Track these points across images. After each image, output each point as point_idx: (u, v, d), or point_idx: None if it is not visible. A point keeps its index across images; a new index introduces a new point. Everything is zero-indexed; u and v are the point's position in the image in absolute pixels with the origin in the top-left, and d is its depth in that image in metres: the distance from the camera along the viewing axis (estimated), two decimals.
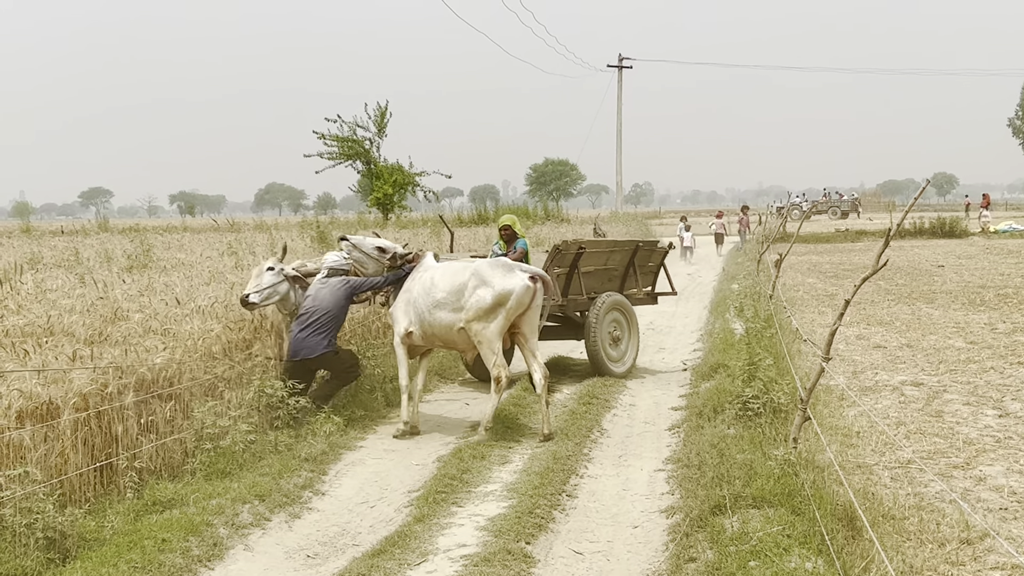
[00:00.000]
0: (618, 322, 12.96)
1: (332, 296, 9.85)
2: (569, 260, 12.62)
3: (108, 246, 23.42)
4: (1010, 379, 10.66)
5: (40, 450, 6.68)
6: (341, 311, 9.87)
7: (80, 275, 13.85)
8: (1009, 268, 25.22)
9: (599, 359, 12.52)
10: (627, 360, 13.02)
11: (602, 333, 12.56)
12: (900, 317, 16.10)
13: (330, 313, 9.74)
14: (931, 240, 39.77)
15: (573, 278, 12.76)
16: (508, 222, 12.61)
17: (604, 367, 12.53)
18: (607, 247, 13.77)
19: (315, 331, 9.62)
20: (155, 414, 7.85)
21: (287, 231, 32.09)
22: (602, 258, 13.36)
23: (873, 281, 19.44)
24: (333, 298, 9.83)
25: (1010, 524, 6.23)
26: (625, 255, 13.78)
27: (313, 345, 9.58)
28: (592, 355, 12.56)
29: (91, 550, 6.22)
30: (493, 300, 9.25)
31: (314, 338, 9.61)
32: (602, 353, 12.54)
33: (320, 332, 9.63)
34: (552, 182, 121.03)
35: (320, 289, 10.00)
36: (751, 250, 32.03)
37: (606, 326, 12.68)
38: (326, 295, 9.86)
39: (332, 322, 9.75)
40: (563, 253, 12.58)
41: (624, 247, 14.00)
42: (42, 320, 9.09)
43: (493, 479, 8.08)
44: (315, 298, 9.89)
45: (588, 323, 12.52)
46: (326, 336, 9.65)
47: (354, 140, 43.77)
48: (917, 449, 7.99)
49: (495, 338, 9.33)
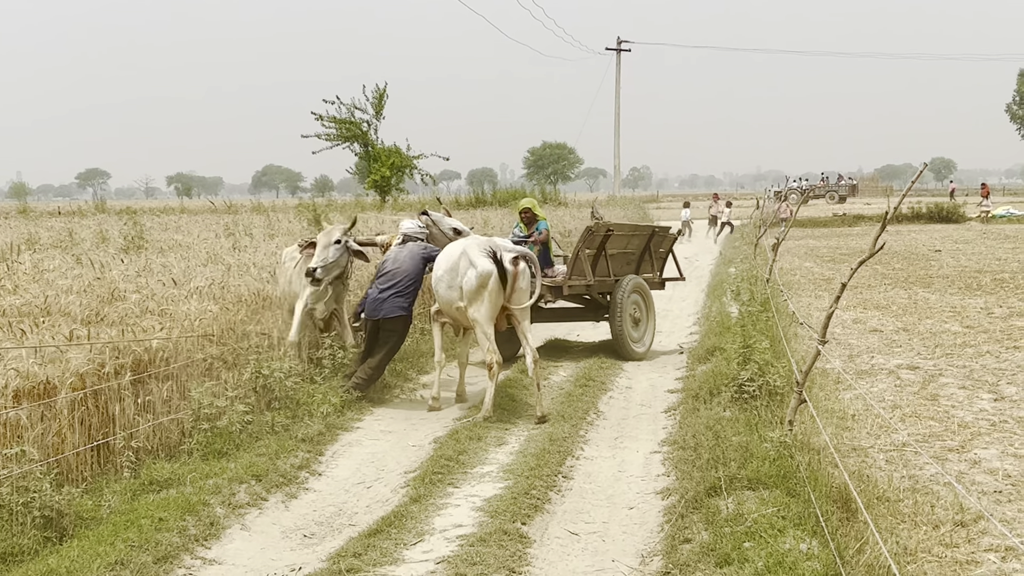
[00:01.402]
0: (638, 304, 13.13)
1: (412, 261, 10.02)
2: (598, 242, 12.77)
3: (105, 227, 23.39)
4: (1006, 363, 10.68)
5: (37, 429, 6.69)
6: (420, 275, 10.08)
7: (76, 256, 13.83)
8: (1006, 253, 25.23)
9: (624, 339, 12.69)
10: (646, 341, 13.22)
11: (626, 314, 12.67)
12: (896, 301, 16.12)
13: (410, 276, 9.96)
14: (928, 225, 39.79)
15: (600, 259, 12.88)
16: (528, 205, 12.91)
17: (627, 347, 12.73)
18: (629, 231, 14.01)
19: (396, 293, 9.84)
20: (152, 394, 7.86)
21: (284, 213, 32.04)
22: (624, 241, 13.58)
23: (870, 265, 19.46)
24: (412, 263, 10.00)
25: (1004, 507, 6.26)
26: (642, 239, 14.06)
27: (393, 306, 9.79)
28: (617, 335, 12.73)
29: (88, 529, 6.24)
30: (477, 282, 9.29)
31: (396, 300, 9.84)
32: (627, 333, 12.64)
33: (401, 295, 9.87)
34: (550, 165, 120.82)
35: (400, 252, 10.16)
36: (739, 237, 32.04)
37: (629, 307, 12.80)
38: (406, 259, 10.02)
39: (413, 285, 10.00)
40: (594, 235, 12.80)
41: (643, 232, 14.37)
42: (39, 300, 9.09)
43: (489, 460, 8.10)
44: (396, 261, 10.06)
45: (614, 304, 12.68)
46: (406, 299, 9.91)
47: (352, 122, 43.63)
48: (912, 432, 8.01)
49: (485, 321, 9.35)
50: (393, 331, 9.87)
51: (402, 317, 9.84)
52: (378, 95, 43.67)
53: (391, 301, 9.76)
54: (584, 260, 12.56)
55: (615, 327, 12.67)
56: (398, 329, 9.88)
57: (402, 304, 9.81)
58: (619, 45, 63.98)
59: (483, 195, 38.59)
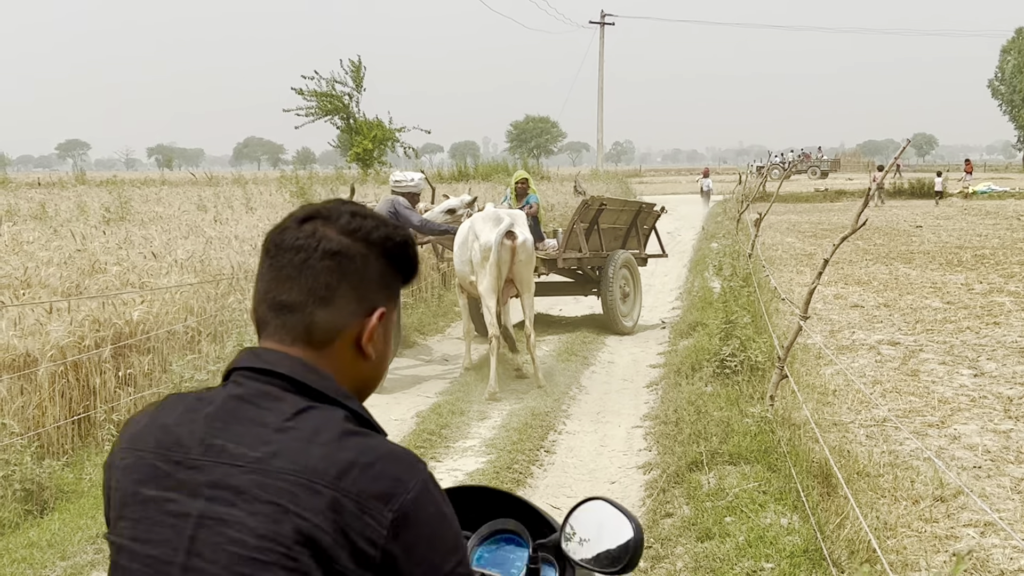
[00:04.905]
0: (627, 278, 13.18)
1: None
2: (591, 216, 12.82)
3: (85, 198, 23.23)
4: (986, 339, 10.75)
5: (17, 402, 6.67)
6: None
7: (55, 228, 13.74)
8: (986, 229, 25.35)
9: (614, 313, 12.76)
10: (634, 315, 13.30)
11: (616, 288, 12.72)
12: (878, 277, 16.19)
13: None
14: (910, 201, 39.92)
15: (592, 233, 12.92)
16: (526, 176, 13.25)
17: (617, 321, 12.80)
18: (619, 206, 14.07)
19: None
20: (133, 367, 7.83)
21: (266, 186, 31.89)
22: (614, 216, 13.66)
23: (851, 241, 19.51)
24: None
25: (983, 482, 6.30)
26: (630, 215, 14.17)
27: None
28: (608, 309, 12.79)
29: (69, 502, 6.23)
30: (481, 254, 9.32)
31: None
32: (617, 308, 12.71)
33: None
34: (533, 139, 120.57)
35: None
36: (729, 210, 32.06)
37: (619, 281, 12.86)
38: None
39: None
40: (589, 208, 12.90)
41: (631, 207, 14.50)
42: (19, 272, 9.03)
43: (472, 435, 8.10)
44: None
45: (605, 277, 12.73)
46: None
47: (332, 95, 43.40)
48: (893, 407, 8.05)
49: (488, 293, 9.38)
50: None
51: None
52: (355, 68, 43.43)
53: None
54: (579, 233, 12.60)
55: (606, 301, 12.72)
56: None
57: None
58: (603, 18, 63.74)
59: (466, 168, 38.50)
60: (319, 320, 1.61)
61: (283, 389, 1.57)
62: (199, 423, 1.56)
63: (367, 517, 1.45)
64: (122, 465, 1.62)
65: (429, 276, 14.86)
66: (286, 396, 1.57)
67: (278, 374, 1.58)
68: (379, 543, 1.45)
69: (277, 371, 1.58)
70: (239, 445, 1.52)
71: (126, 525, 1.58)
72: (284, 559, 1.44)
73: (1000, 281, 15.32)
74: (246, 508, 1.48)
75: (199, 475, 1.52)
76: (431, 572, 1.50)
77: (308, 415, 1.54)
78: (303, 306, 1.61)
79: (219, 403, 1.58)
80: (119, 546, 1.58)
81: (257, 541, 1.45)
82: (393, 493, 1.47)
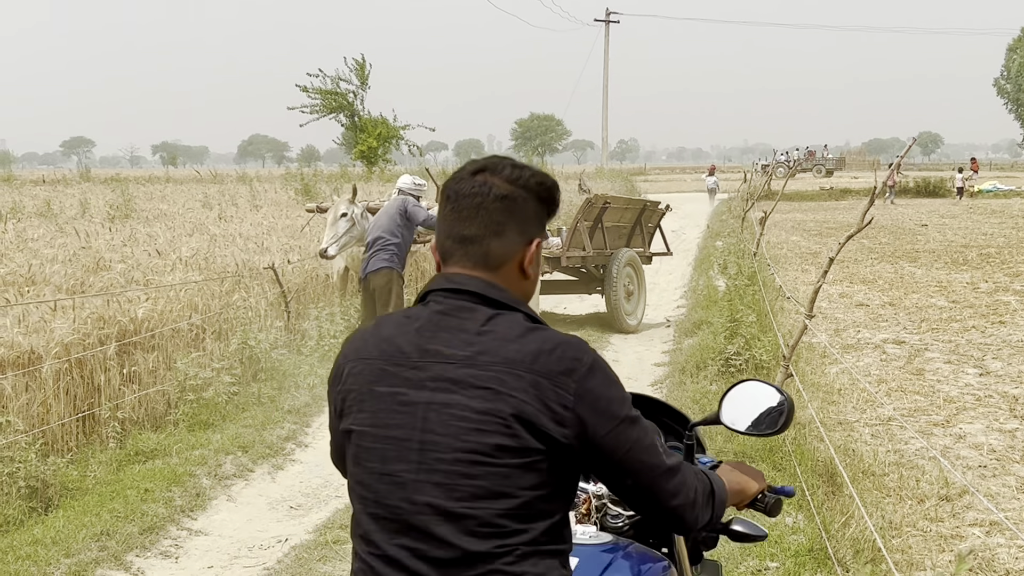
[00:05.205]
0: (631, 277, 13.15)
1: (387, 216, 9.90)
2: (595, 214, 12.77)
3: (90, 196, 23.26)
4: (991, 338, 10.72)
5: (22, 399, 6.66)
6: (398, 229, 9.86)
7: (60, 225, 13.75)
8: (992, 228, 25.31)
9: (618, 312, 12.73)
10: (638, 314, 13.26)
11: (620, 286, 12.70)
12: (883, 275, 16.16)
13: (388, 231, 9.78)
14: (915, 199, 39.87)
15: (596, 232, 12.89)
16: None
17: (622, 320, 12.76)
18: (624, 204, 14.04)
19: (377, 249, 9.72)
20: (138, 365, 7.83)
21: (270, 183, 31.92)
22: (618, 214, 13.61)
23: (857, 240, 19.47)
24: (388, 218, 9.87)
25: (989, 481, 6.29)
26: (634, 213, 14.11)
27: (377, 260, 9.68)
28: (612, 307, 12.75)
29: (74, 499, 6.23)
30: None
31: (379, 255, 9.70)
32: (621, 306, 12.69)
33: (383, 250, 9.72)
34: (537, 137, 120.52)
35: (380, 213, 10.07)
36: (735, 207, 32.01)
37: (623, 280, 12.83)
38: (383, 216, 9.95)
39: (392, 239, 9.79)
40: (592, 206, 12.83)
41: (635, 205, 14.44)
42: (23, 269, 9.04)
43: None
44: (375, 220, 10.01)
45: (609, 276, 12.68)
46: (388, 252, 9.74)
47: (337, 93, 43.43)
48: (898, 406, 8.03)
49: None
50: (380, 286, 9.78)
51: (385, 269, 9.71)
52: (359, 65, 43.47)
53: (375, 256, 9.71)
54: (583, 232, 12.56)
55: (610, 299, 12.68)
56: (382, 283, 9.77)
57: (384, 257, 9.70)
58: (608, 16, 63.69)
59: None
60: (494, 248, 2.11)
61: (473, 302, 2.07)
62: (412, 334, 2.07)
63: (558, 389, 1.96)
64: (354, 372, 2.11)
65: (432, 274, 14.83)
66: (477, 307, 2.07)
67: (468, 291, 2.08)
68: (569, 406, 1.96)
69: (467, 289, 2.09)
70: (449, 347, 2.02)
71: (364, 416, 2.07)
72: (501, 427, 1.95)
73: (1006, 280, 15.30)
74: (464, 394, 1.98)
75: (420, 373, 2.03)
76: (609, 420, 2.00)
77: (497, 320, 2.04)
78: (481, 238, 2.11)
79: (425, 318, 2.09)
80: (359, 432, 2.08)
81: (478, 416, 1.96)
82: (574, 368, 1.98)
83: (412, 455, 2.00)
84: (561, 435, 1.96)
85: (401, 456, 2.01)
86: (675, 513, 2.14)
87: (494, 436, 1.95)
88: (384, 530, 2.03)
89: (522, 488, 1.97)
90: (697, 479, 2.18)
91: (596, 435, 1.99)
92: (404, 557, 2.00)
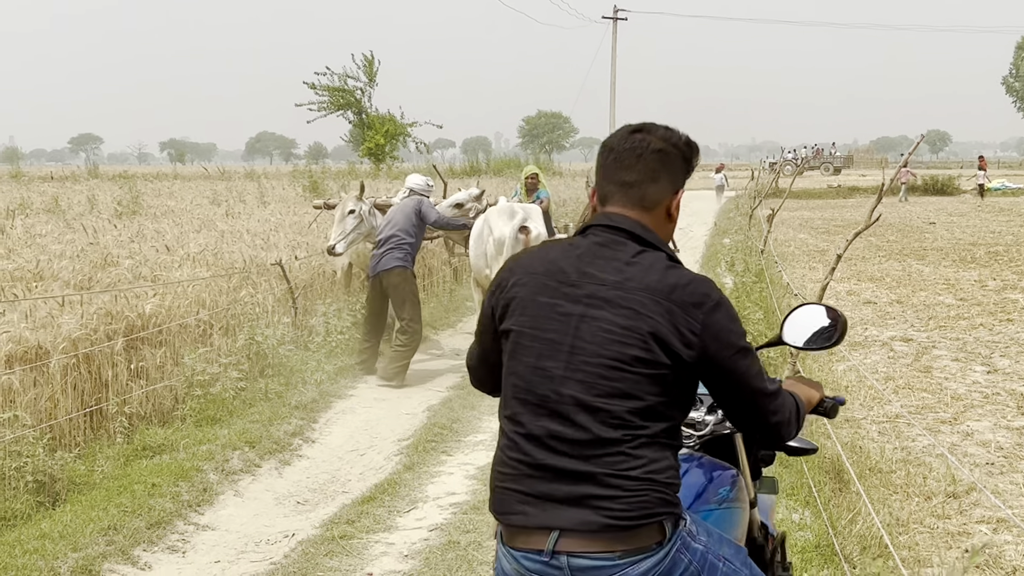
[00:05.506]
0: None
1: (403, 215, 9.89)
2: None
3: (98, 192, 23.30)
4: (999, 336, 10.70)
5: (30, 394, 6.67)
6: (412, 229, 9.86)
7: (68, 221, 13.78)
8: (1000, 226, 25.24)
9: None
10: None
11: None
12: (891, 273, 16.13)
13: (403, 230, 9.78)
14: (923, 197, 39.77)
15: None
16: (536, 171, 13.39)
17: None
18: None
19: (390, 248, 9.70)
20: (145, 360, 7.84)
21: (278, 180, 31.96)
22: None
23: (864, 237, 19.45)
24: (404, 216, 9.87)
25: (996, 478, 6.28)
26: None
27: (390, 259, 9.67)
28: None
29: (81, 494, 6.23)
30: (494, 248, 9.28)
31: (392, 253, 9.69)
32: None
33: (396, 248, 9.71)
34: (545, 135, 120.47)
35: (394, 209, 10.07)
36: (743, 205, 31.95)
37: None
38: (398, 214, 9.94)
39: (407, 239, 9.79)
40: None
41: None
42: (31, 265, 9.06)
43: (483, 429, 8.10)
44: (389, 217, 10.03)
45: None
46: (402, 251, 9.74)
47: (345, 89, 43.44)
48: (905, 404, 8.02)
49: None
50: (395, 285, 9.77)
51: (398, 268, 9.70)
52: (368, 62, 43.46)
53: (388, 255, 9.69)
54: None
55: None
56: (397, 282, 9.76)
57: (398, 256, 9.69)
58: (615, 14, 63.56)
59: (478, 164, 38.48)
60: (650, 192, 2.56)
61: (626, 238, 2.51)
62: (573, 259, 2.51)
63: (688, 318, 2.39)
64: (520, 283, 2.54)
65: (440, 271, 14.85)
66: (628, 243, 2.51)
67: (622, 229, 2.52)
68: (696, 332, 2.38)
69: (622, 227, 2.53)
70: (603, 272, 2.47)
71: (525, 319, 2.51)
72: (639, 342, 2.38)
73: (1014, 278, 15.25)
74: (612, 311, 2.42)
75: (577, 290, 2.47)
76: (727, 348, 2.42)
77: (644, 255, 2.48)
78: (640, 183, 2.56)
79: (586, 247, 2.53)
80: (519, 332, 2.52)
81: (621, 331, 2.40)
82: (703, 302, 2.40)
83: (562, 356, 2.44)
84: (687, 355, 2.39)
85: (553, 355, 2.45)
86: (775, 428, 2.57)
87: (632, 348, 2.38)
88: (531, 413, 2.47)
89: (648, 394, 2.39)
90: (789, 399, 2.60)
91: (715, 359, 2.42)
92: (545, 436, 2.44)
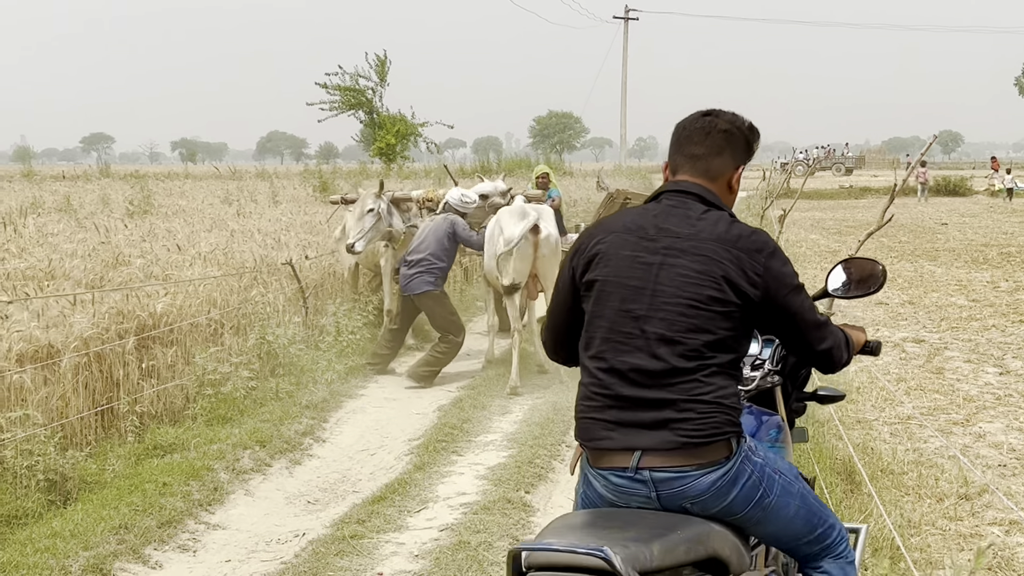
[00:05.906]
0: None
1: (435, 238, 9.85)
2: (616, 209, 12.80)
3: (109, 191, 23.36)
4: (1011, 337, 10.66)
5: (41, 393, 6.68)
6: (444, 253, 9.86)
7: (79, 220, 13.81)
8: (1013, 227, 25.16)
9: None
10: None
11: None
12: (903, 274, 16.08)
13: (435, 255, 9.77)
14: (935, 198, 39.65)
15: None
16: (547, 170, 13.57)
17: None
18: (643, 200, 14.05)
19: (421, 271, 9.69)
20: (156, 359, 7.85)
21: (289, 179, 32.00)
22: None
23: (876, 238, 19.38)
24: (436, 239, 9.83)
25: (1009, 480, 6.26)
26: None
27: (420, 282, 9.66)
28: None
29: (92, 492, 6.25)
30: (505, 248, 9.23)
31: (422, 277, 9.68)
32: None
33: (427, 272, 9.70)
34: (555, 135, 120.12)
35: (427, 228, 10.06)
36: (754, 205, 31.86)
37: None
38: (430, 236, 9.89)
39: (437, 263, 9.78)
40: (614, 200, 13.26)
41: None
42: (43, 264, 9.08)
43: (493, 429, 8.10)
44: (421, 236, 9.99)
45: None
46: (433, 275, 9.73)
47: (356, 89, 43.41)
48: (917, 405, 7.99)
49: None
50: (429, 308, 9.80)
51: (428, 293, 9.69)
52: (380, 62, 43.43)
53: (418, 279, 9.66)
54: None
55: None
56: (430, 304, 9.76)
57: (428, 280, 9.65)
58: (627, 13, 63.54)
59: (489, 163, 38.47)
60: (715, 164, 3.08)
61: (694, 200, 3.02)
62: (650, 218, 3.02)
63: (753, 262, 2.89)
64: (604, 240, 3.02)
65: (451, 270, 14.82)
66: (696, 204, 3.01)
67: (691, 193, 3.04)
68: (760, 274, 2.89)
69: (691, 191, 3.04)
70: (677, 227, 2.95)
71: (609, 270, 2.98)
72: (713, 283, 2.87)
73: None
74: (687, 259, 2.90)
75: (655, 243, 2.95)
76: (784, 287, 2.94)
77: (710, 213, 2.98)
78: (707, 156, 3.08)
79: (661, 208, 3.04)
80: (604, 280, 2.98)
81: (697, 275, 2.88)
82: (762, 249, 2.92)
83: (645, 299, 2.91)
84: (753, 294, 2.88)
85: (637, 299, 2.92)
86: (826, 354, 3.11)
87: (707, 289, 2.86)
88: (614, 350, 2.92)
89: (720, 328, 2.87)
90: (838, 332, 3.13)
91: (775, 296, 2.92)
92: (628, 370, 2.89)
